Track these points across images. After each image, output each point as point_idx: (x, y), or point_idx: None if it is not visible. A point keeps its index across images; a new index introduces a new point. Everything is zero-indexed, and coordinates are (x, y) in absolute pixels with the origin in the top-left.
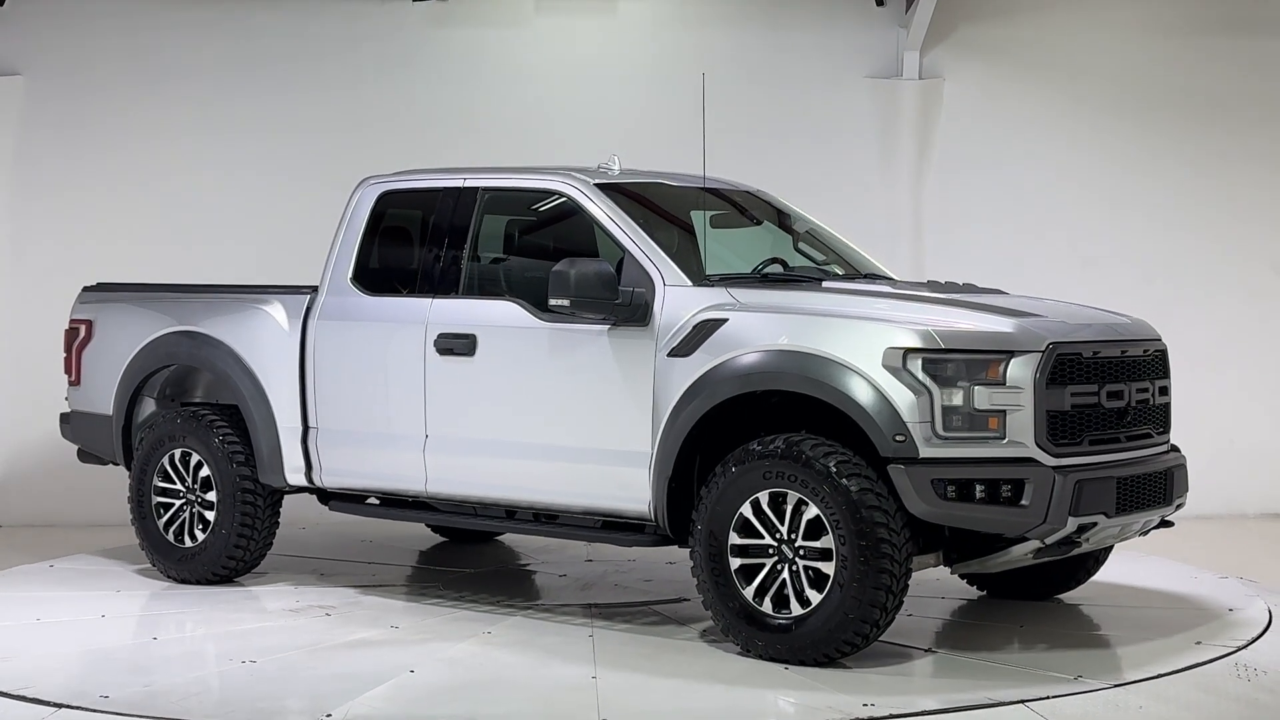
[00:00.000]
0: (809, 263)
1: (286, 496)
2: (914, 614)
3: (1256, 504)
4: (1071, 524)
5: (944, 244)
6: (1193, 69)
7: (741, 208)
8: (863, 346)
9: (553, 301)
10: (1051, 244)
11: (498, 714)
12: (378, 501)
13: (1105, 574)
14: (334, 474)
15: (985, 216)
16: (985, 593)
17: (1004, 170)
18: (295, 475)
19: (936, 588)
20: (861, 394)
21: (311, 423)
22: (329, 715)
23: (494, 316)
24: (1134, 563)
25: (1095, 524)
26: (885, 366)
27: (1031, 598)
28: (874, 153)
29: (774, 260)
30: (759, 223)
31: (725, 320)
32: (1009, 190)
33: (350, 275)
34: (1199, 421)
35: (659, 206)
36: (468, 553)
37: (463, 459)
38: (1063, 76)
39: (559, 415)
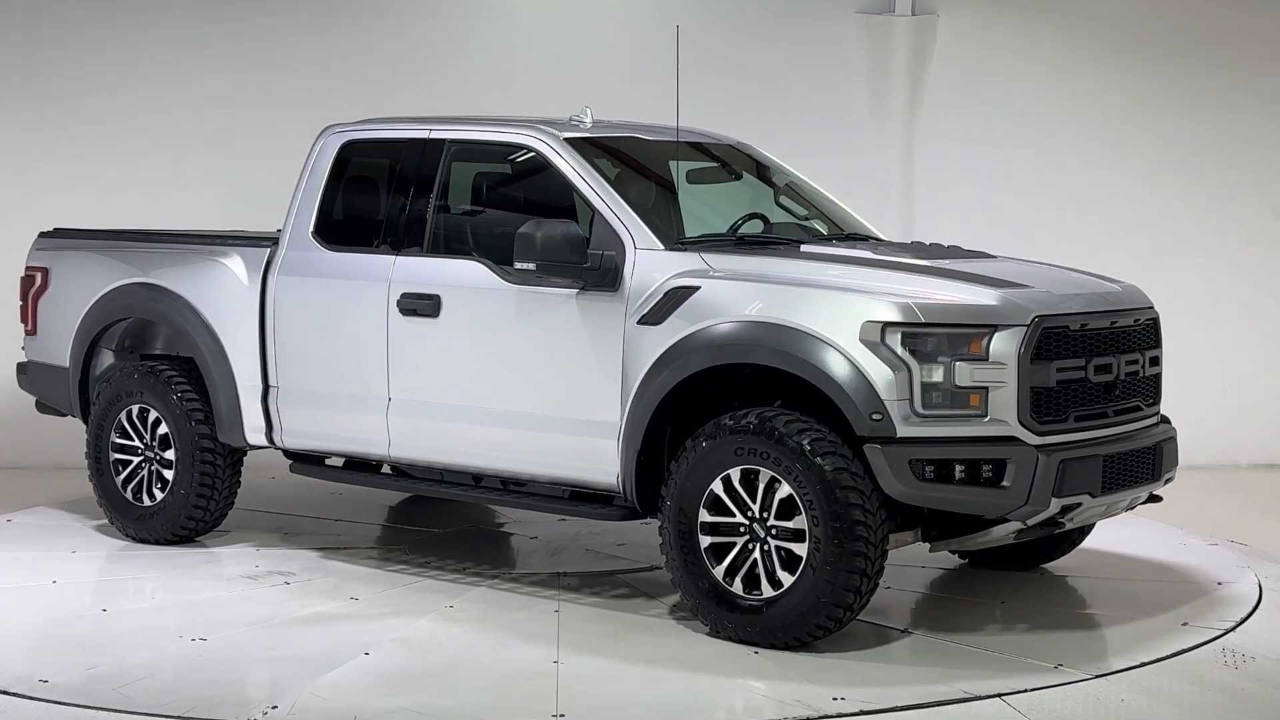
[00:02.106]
0: (790, 219)
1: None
2: (893, 586)
3: (1249, 454)
4: (1055, 505)
5: (935, 186)
6: (1193, 5)
7: (721, 161)
8: (839, 319)
9: (518, 264)
10: (1046, 185)
11: (451, 707)
12: (340, 464)
13: (1091, 539)
14: (295, 435)
15: (978, 157)
16: (967, 561)
17: (998, 110)
18: (255, 435)
19: (917, 555)
20: (837, 369)
21: (272, 381)
22: (274, 707)
23: (459, 276)
24: (1121, 527)
25: (1079, 504)
26: (862, 341)
27: (1015, 568)
28: (864, 91)
29: (753, 216)
30: (739, 177)
31: (698, 288)
32: (1003, 130)
33: (311, 228)
34: (1192, 370)
35: (633, 161)
36: (438, 510)
37: (426, 423)
38: (1060, 13)
39: (525, 381)
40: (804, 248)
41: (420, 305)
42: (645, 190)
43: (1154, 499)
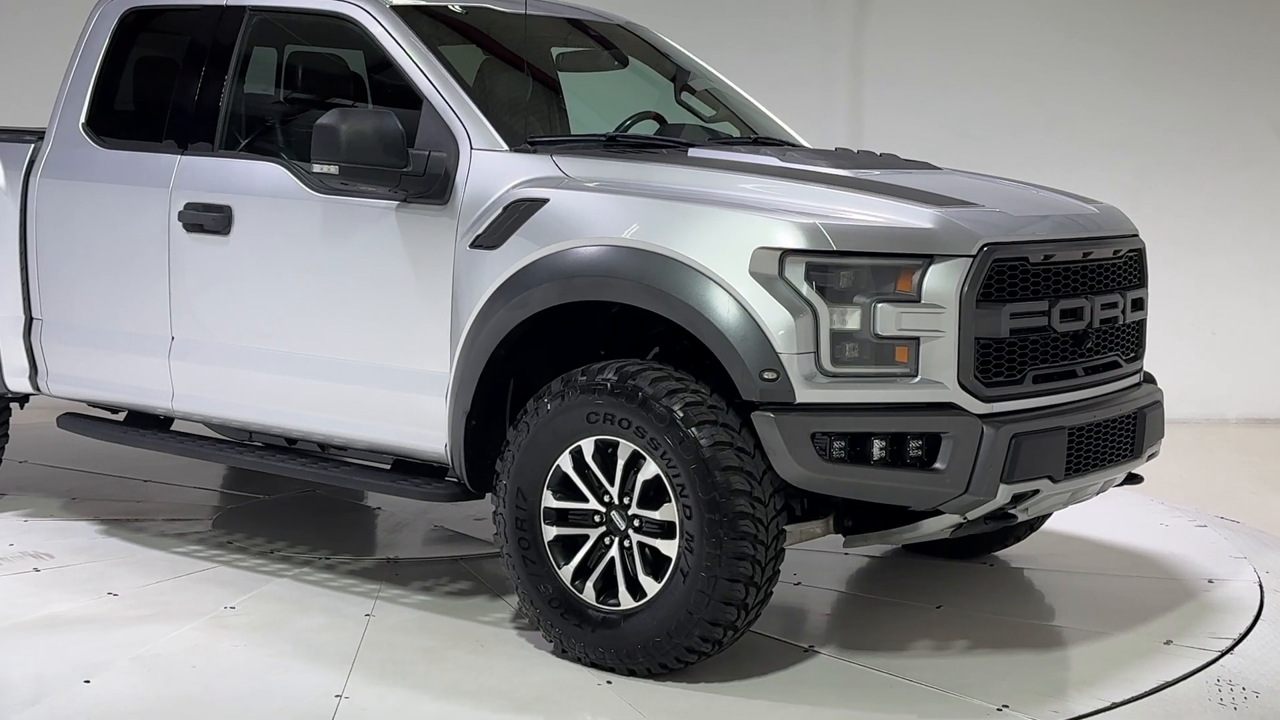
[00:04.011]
0: (696, 121)
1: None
2: (803, 581)
3: (1238, 407)
4: (1004, 494)
5: (886, 96)
6: None
7: (605, 43)
8: (724, 245)
9: (317, 167)
10: (1012, 98)
11: None
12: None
13: (1053, 519)
14: (62, 380)
15: (936, 63)
16: (898, 547)
17: (959, 9)
18: (17, 379)
19: (835, 540)
20: (720, 312)
21: (35, 313)
22: None
23: (255, 183)
24: (1090, 501)
25: (1036, 492)
26: (754, 274)
27: (957, 556)
28: None
29: (646, 115)
30: (624, 64)
31: (546, 200)
32: (964, 34)
33: (83, 120)
34: (1176, 310)
35: (484, 38)
36: None
37: (215, 369)
38: None
39: (333, 319)
40: (691, 152)
41: (207, 219)
42: (496, 76)
43: (1133, 479)
